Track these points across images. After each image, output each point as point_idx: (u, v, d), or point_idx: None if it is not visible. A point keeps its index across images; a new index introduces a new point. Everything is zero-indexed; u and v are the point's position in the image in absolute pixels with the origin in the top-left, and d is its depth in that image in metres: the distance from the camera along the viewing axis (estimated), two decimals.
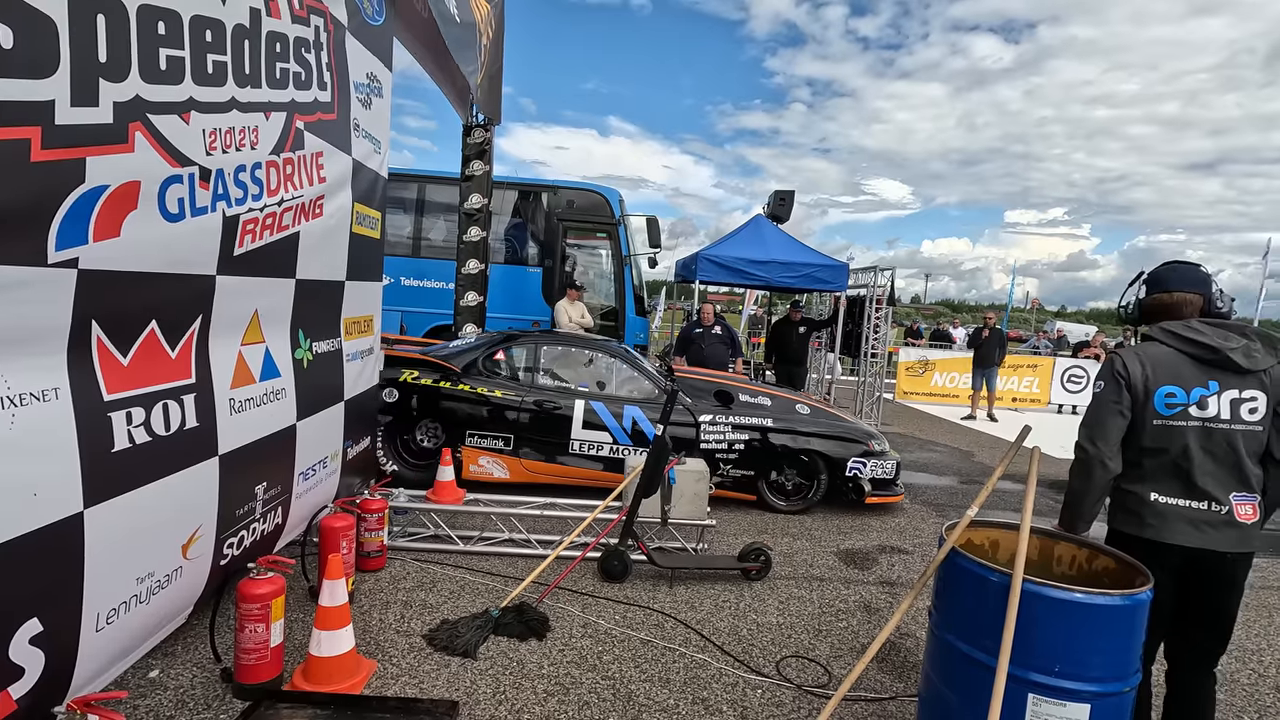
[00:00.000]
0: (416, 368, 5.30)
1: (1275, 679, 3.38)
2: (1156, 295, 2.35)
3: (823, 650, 3.32)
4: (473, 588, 3.69)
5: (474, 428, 5.24)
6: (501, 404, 5.24)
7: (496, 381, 5.37)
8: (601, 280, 10.04)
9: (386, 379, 5.04)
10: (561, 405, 5.24)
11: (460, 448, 5.20)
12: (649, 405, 5.34)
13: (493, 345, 5.59)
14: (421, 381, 5.23)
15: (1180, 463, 2.18)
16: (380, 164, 3.98)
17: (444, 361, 5.40)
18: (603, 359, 5.67)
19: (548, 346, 5.64)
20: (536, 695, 2.76)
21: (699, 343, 8.05)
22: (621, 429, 5.24)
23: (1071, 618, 1.99)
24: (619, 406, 5.29)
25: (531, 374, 5.47)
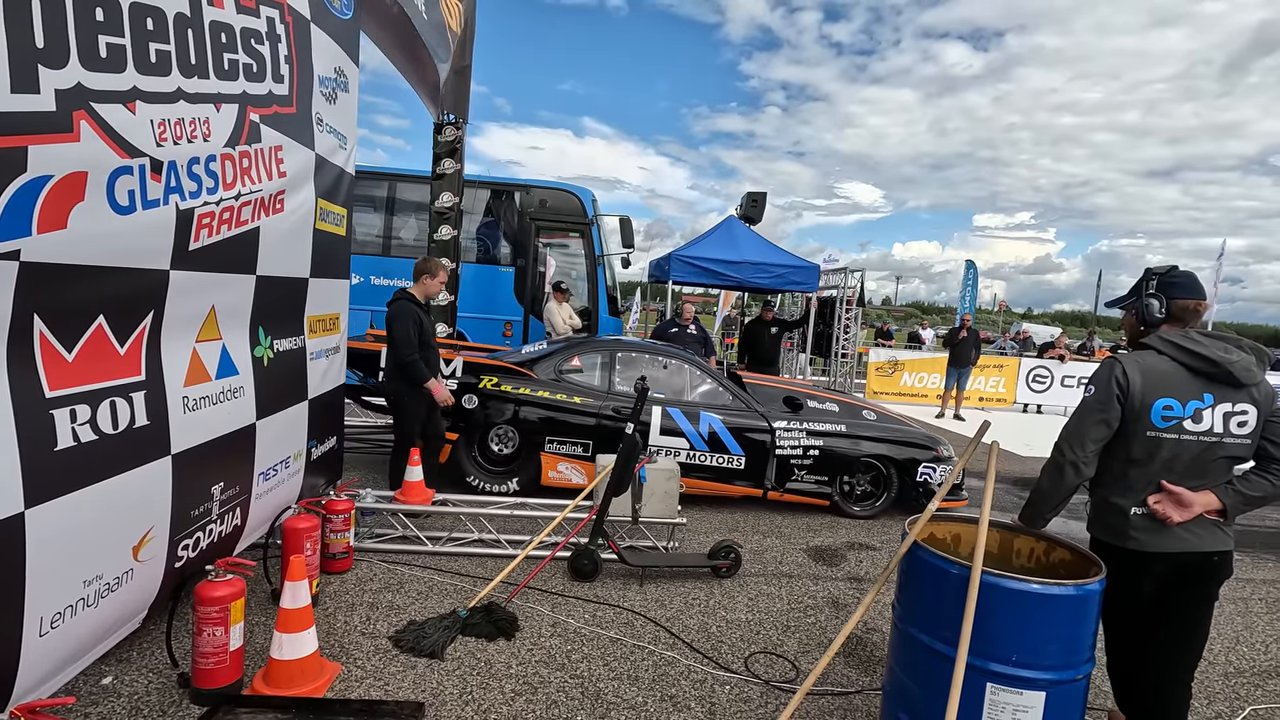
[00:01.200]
0: (495, 374, 5.28)
1: (1224, 666, 3.49)
2: (1193, 301, 2.26)
3: (791, 646, 3.34)
4: (441, 589, 3.64)
5: (553, 434, 5.23)
6: (581, 410, 5.23)
7: (574, 387, 5.36)
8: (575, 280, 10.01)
9: (465, 385, 5.08)
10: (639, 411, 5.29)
11: (540, 453, 5.22)
12: (724, 412, 5.38)
13: (568, 351, 5.60)
14: (502, 388, 5.23)
15: (1166, 474, 2.17)
16: (346, 160, 3.92)
17: (522, 367, 5.40)
18: (675, 365, 5.73)
19: (621, 353, 5.67)
20: (504, 695, 2.73)
21: (677, 340, 8.08)
22: (698, 434, 5.27)
23: (1027, 608, 2.03)
24: (695, 413, 5.32)
25: (607, 380, 5.47)
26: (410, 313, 4.33)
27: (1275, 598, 4.54)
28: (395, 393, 4.48)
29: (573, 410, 5.23)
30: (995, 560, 2.55)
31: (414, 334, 4.29)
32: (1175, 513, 2.13)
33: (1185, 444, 2.14)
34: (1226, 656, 3.60)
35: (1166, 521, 2.14)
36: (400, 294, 4.45)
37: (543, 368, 5.43)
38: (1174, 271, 2.31)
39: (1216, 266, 13.97)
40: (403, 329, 4.26)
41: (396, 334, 4.25)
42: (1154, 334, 2.26)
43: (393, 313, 4.31)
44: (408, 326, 4.28)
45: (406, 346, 4.26)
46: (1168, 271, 2.32)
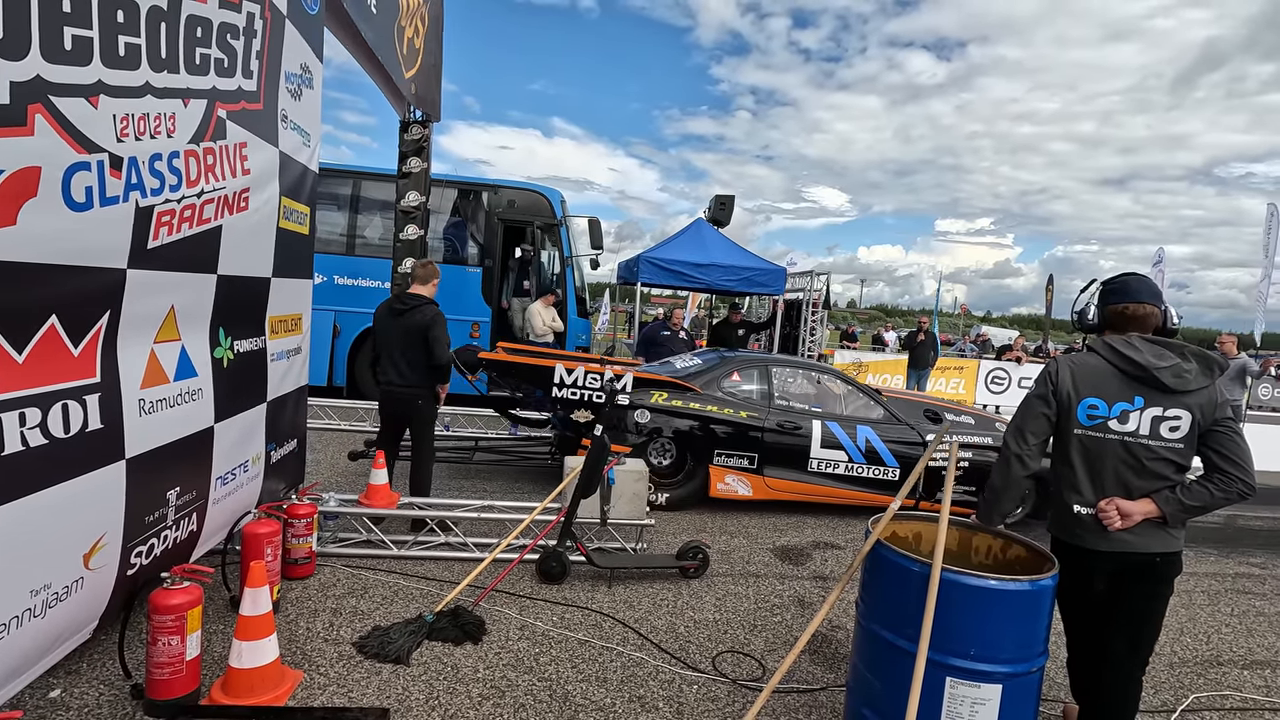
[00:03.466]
0: (664, 389, 5.44)
1: (1170, 657, 3.64)
2: (1126, 305, 2.32)
3: (758, 644, 3.38)
4: (406, 593, 3.60)
5: (721, 447, 5.37)
6: (746, 424, 5.37)
7: (737, 402, 5.51)
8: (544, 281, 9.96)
9: (637, 401, 5.27)
10: (801, 426, 5.42)
11: (709, 466, 5.37)
12: (878, 425, 5.54)
13: (726, 366, 5.76)
14: (673, 403, 5.38)
15: (1094, 472, 2.26)
16: (310, 157, 3.85)
17: (686, 383, 5.54)
18: (828, 380, 5.98)
19: (775, 368, 5.84)
20: (471, 700, 2.71)
21: (667, 345, 8.12)
22: (856, 448, 5.42)
23: (985, 603, 2.10)
24: (852, 427, 5.47)
25: (765, 395, 5.62)
26: (443, 317, 4.47)
27: (1216, 590, 4.75)
28: (413, 396, 4.49)
29: (738, 424, 5.39)
30: (955, 558, 2.62)
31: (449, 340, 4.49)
32: (1117, 520, 2.22)
33: (1110, 443, 2.23)
34: (1171, 648, 3.76)
35: (1109, 527, 2.23)
36: (421, 299, 4.47)
37: (703, 382, 5.59)
38: (1116, 278, 2.40)
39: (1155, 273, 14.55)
40: (444, 332, 4.42)
41: (439, 335, 4.37)
42: (1099, 338, 2.35)
43: (430, 316, 4.38)
44: (445, 329, 4.45)
45: (447, 352, 4.41)
46: (1112, 279, 2.41)
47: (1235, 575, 5.09)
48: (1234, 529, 6.44)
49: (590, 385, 5.24)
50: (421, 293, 4.50)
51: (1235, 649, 3.81)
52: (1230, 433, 2.19)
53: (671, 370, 5.96)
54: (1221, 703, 3.20)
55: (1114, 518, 2.22)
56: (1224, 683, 3.39)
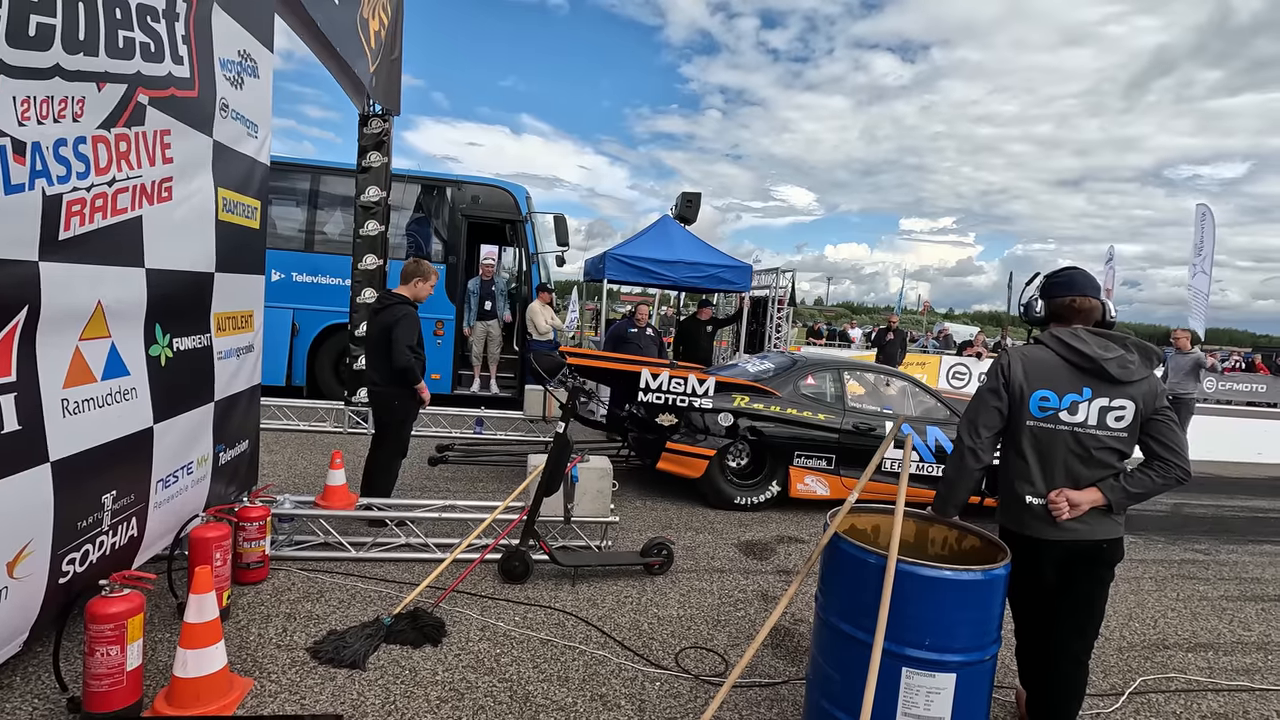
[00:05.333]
0: (746, 393, 5.58)
1: (1119, 641, 3.75)
2: (1071, 298, 2.37)
3: (721, 640, 3.38)
4: (364, 596, 3.51)
5: (800, 449, 5.54)
6: (825, 426, 5.54)
7: (815, 404, 5.67)
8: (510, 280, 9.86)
9: (720, 405, 5.42)
10: (875, 427, 5.60)
11: (789, 467, 5.55)
12: (945, 425, 5.73)
13: (801, 370, 5.94)
14: (755, 406, 5.51)
15: (1045, 463, 2.31)
16: (258, 149, 3.73)
17: (766, 386, 5.68)
18: (898, 383, 6.13)
19: (848, 371, 6.04)
20: (429, 703, 2.65)
21: (634, 342, 8.09)
22: (926, 447, 5.59)
23: (939, 594, 2.12)
24: (921, 427, 5.66)
25: (840, 398, 5.79)
26: (415, 318, 4.36)
27: (1164, 576, 4.91)
28: (389, 396, 4.42)
29: (818, 426, 5.54)
30: (911, 549, 2.65)
31: (415, 339, 4.31)
32: (1066, 510, 2.26)
33: (1060, 434, 2.28)
34: (1120, 632, 3.87)
35: (1059, 517, 2.27)
36: (396, 297, 4.39)
37: (781, 386, 5.73)
38: (1059, 272, 2.46)
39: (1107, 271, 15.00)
40: (405, 332, 4.26)
41: (399, 336, 4.24)
42: (1047, 331, 2.39)
43: (397, 316, 4.28)
44: (409, 330, 4.29)
45: (407, 351, 4.25)
46: (1055, 273, 2.47)
47: (1181, 561, 5.27)
48: (1181, 517, 6.67)
49: (675, 389, 5.39)
50: (401, 291, 4.43)
51: (1180, 632, 3.93)
52: (1169, 421, 2.25)
53: (746, 373, 6.13)
54: (1168, 685, 3.30)
55: (1063, 508, 2.27)
56: (1170, 665, 3.50)
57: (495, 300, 9.15)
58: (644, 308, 8.64)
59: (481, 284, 9.06)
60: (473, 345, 9.12)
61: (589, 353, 6.94)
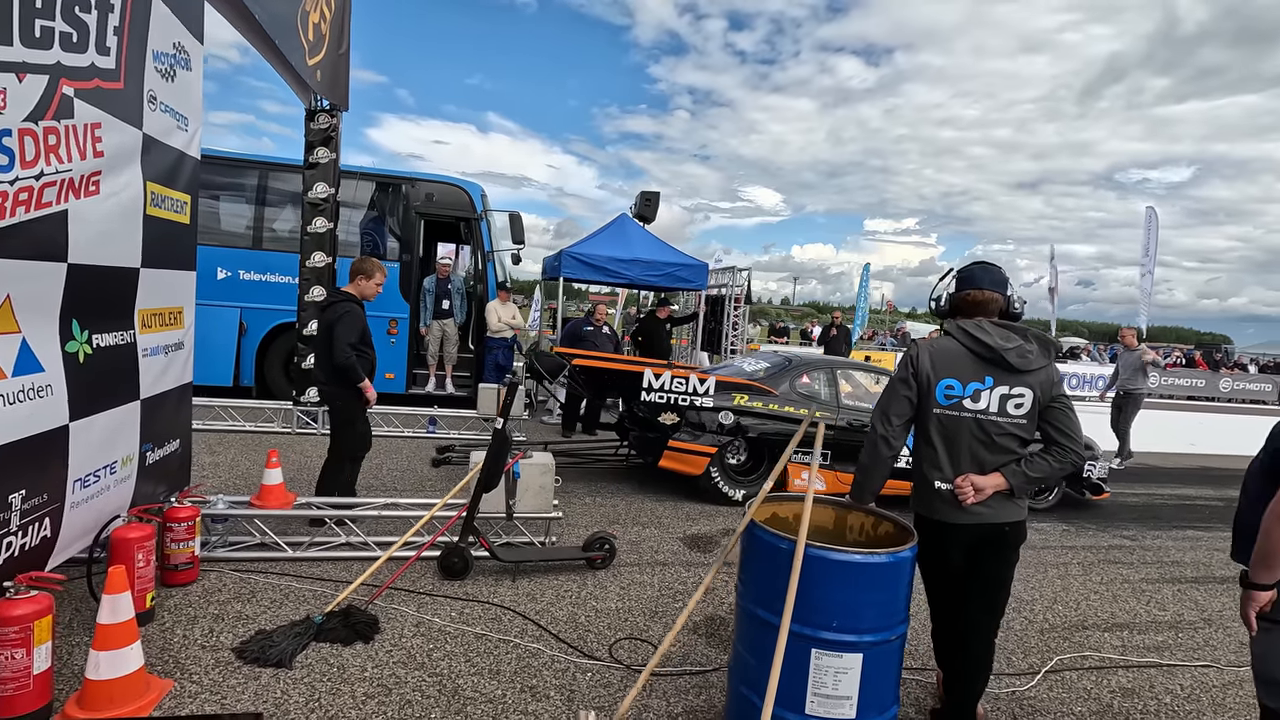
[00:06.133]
0: (745, 392, 5.73)
1: (1041, 624, 3.90)
2: (968, 292, 2.49)
3: (657, 631, 3.43)
4: (298, 596, 3.48)
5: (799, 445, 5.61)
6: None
7: (811, 402, 5.82)
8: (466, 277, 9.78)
9: (720, 403, 5.57)
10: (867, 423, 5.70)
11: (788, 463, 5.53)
12: None
13: (797, 370, 6.10)
14: (754, 405, 5.67)
15: (952, 449, 2.40)
16: (187, 142, 3.66)
17: (763, 385, 5.84)
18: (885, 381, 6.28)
19: (841, 370, 6.20)
20: (355, 699, 2.64)
21: (590, 340, 8.10)
22: None
23: (847, 576, 2.19)
24: None
25: (834, 396, 5.92)
26: (359, 315, 4.31)
27: (1091, 561, 5.11)
28: (333, 395, 4.41)
29: None
30: (831, 536, 2.73)
31: (356, 336, 4.26)
32: (971, 494, 2.36)
33: (965, 421, 2.38)
34: (1044, 615, 4.02)
35: (964, 502, 2.37)
36: (342, 295, 4.38)
37: (778, 384, 5.88)
38: (965, 268, 2.57)
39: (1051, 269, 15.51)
40: (346, 330, 4.22)
41: (339, 334, 4.20)
42: (953, 323, 2.49)
43: (339, 313, 4.26)
44: (353, 328, 4.24)
45: (347, 348, 4.20)
46: (962, 269, 2.58)
47: (1109, 547, 5.49)
48: (1113, 505, 6.94)
49: (677, 389, 5.49)
50: (348, 289, 4.42)
51: (1100, 614, 4.11)
52: (1065, 409, 2.36)
53: (743, 373, 6.24)
54: (1082, 663, 3.45)
55: (969, 492, 2.36)
56: (1086, 644, 3.65)
57: (452, 299, 9.08)
58: (602, 307, 8.67)
59: (438, 282, 8.99)
60: (429, 344, 9.04)
61: (592, 354, 7.09)
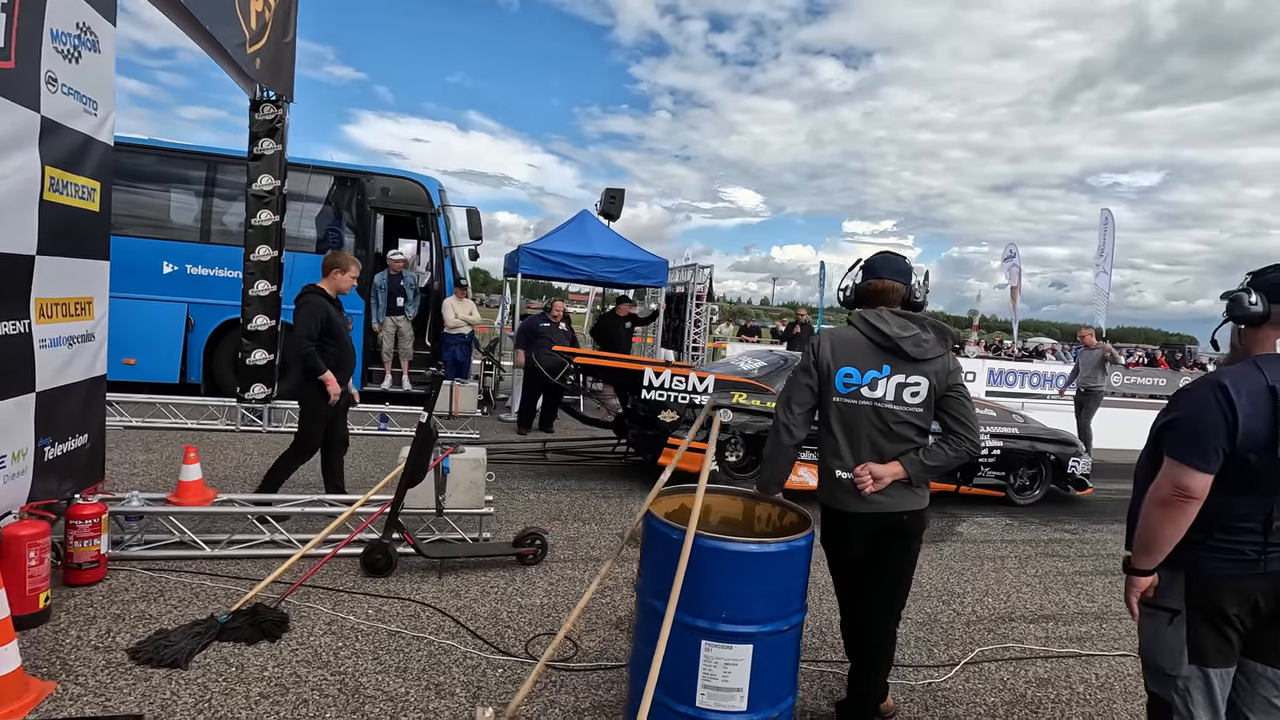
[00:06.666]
0: (743, 390, 5.86)
1: (969, 615, 3.92)
2: (870, 281, 2.49)
3: (579, 625, 3.38)
4: (210, 594, 3.38)
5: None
6: None
7: None
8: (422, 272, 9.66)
9: (720, 401, 5.58)
10: None
11: None
12: None
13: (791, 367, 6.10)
14: (753, 403, 5.78)
15: (851, 438, 2.39)
16: (97, 127, 3.53)
17: (759, 383, 5.96)
18: None
19: None
20: (248, 699, 2.56)
21: (546, 337, 8.02)
22: None
23: (735, 567, 2.16)
24: None
25: None
26: (318, 306, 4.26)
27: (1028, 554, 5.16)
28: (297, 388, 4.38)
29: None
30: (739, 526, 2.71)
31: (317, 327, 4.21)
32: (870, 483, 2.34)
33: (863, 409, 2.37)
34: (973, 607, 4.04)
35: (863, 490, 2.35)
36: (309, 288, 4.37)
37: (775, 382, 5.95)
38: (873, 257, 2.56)
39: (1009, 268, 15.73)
40: (305, 321, 4.20)
41: (298, 325, 4.20)
42: (855, 312, 2.48)
43: (297, 305, 4.27)
44: (310, 319, 4.21)
45: (304, 339, 4.17)
46: (870, 257, 2.56)
47: (1049, 541, 5.55)
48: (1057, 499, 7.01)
49: (676, 388, 5.52)
50: (321, 285, 4.42)
51: (1029, 606, 4.14)
52: (961, 398, 2.36)
53: (741, 372, 6.30)
54: (1003, 654, 3.47)
55: (867, 481, 2.35)
56: (1010, 636, 3.68)
57: (405, 295, 8.95)
58: (559, 303, 8.61)
59: (390, 279, 8.85)
60: (382, 341, 8.91)
61: (594, 353, 7.10)
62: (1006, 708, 2.96)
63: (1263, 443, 1.81)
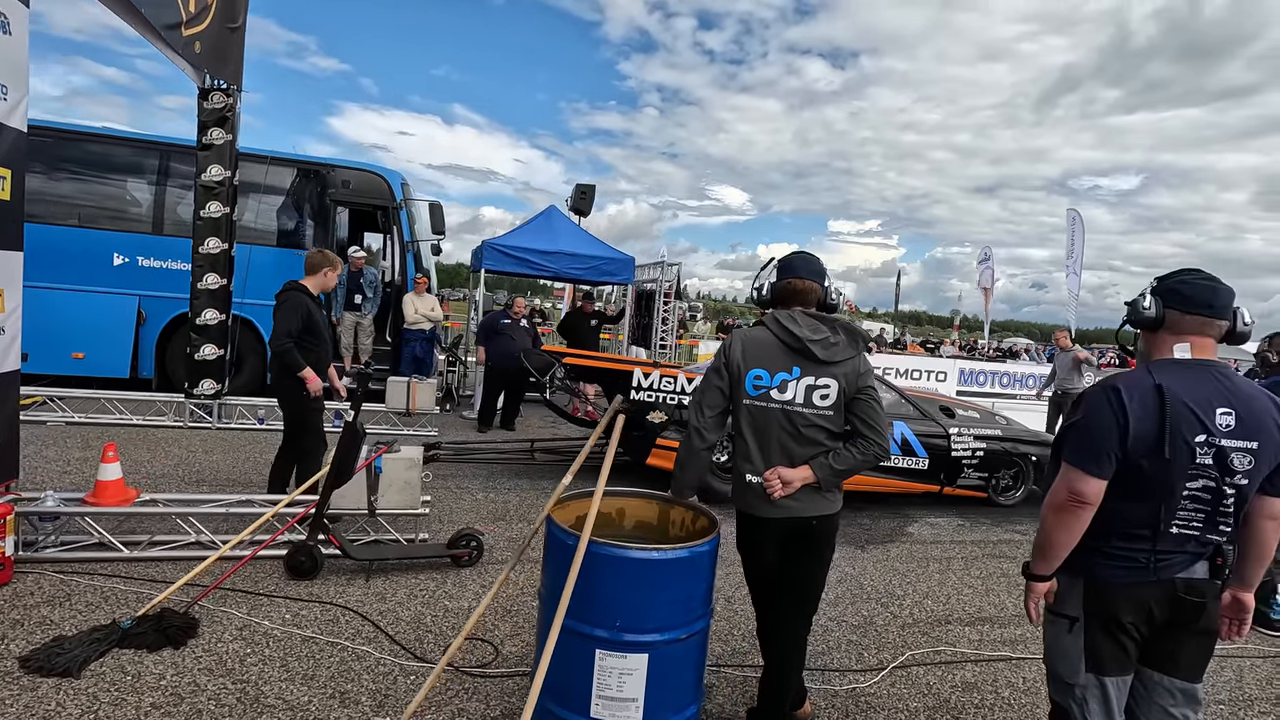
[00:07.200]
0: None
1: (905, 619, 3.89)
2: (788, 280, 2.43)
3: (503, 630, 3.31)
4: (122, 598, 3.27)
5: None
6: None
7: None
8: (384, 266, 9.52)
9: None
10: None
11: None
12: (911, 421, 5.98)
13: None
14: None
15: (762, 441, 2.34)
16: (8, 113, 3.41)
17: None
18: None
19: None
20: (138, 710, 2.46)
21: (507, 334, 7.91)
22: (894, 441, 5.77)
23: (631, 574, 2.10)
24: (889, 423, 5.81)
25: None
26: (299, 303, 4.26)
27: (975, 555, 5.15)
28: (279, 386, 4.36)
29: None
30: (655, 531, 2.65)
31: (297, 324, 4.19)
32: (779, 488, 2.29)
33: (773, 412, 2.31)
34: (911, 610, 4.02)
35: (772, 495, 2.30)
36: (292, 285, 4.36)
37: None
38: (788, 256, 2.49)
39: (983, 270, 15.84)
40: (284, 317, 4.20)
41: (276, 323, 4.21)
42: (768, 313, 2.42)
43: (278, 302, 4.26)
44: (290, 315, 4.20)
45: (283, 335, 4.17)
46: (786, 256, 2.49)
47: (997, 542, 5.55)
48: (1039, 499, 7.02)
49: (665, 388, 5.46)
50: (305, 281, 4.42)
51: (968, 608, 4.13)
52: (870, 401, 2.31)
53: None
54: (934, 657, 3.44)
55: (776, 486, 2.29)
56: (944, 639, 3.65)
57: (364, 292, 8.81)
58: (520, 300, 8.51)
59: (350, 276, 8.69)
60: (341, 337, 8.75)
61: (583, 353, 7.01)
62: (928, 713, 2.93)
63: (1152, 445, 1.78)
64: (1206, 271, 1.92)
